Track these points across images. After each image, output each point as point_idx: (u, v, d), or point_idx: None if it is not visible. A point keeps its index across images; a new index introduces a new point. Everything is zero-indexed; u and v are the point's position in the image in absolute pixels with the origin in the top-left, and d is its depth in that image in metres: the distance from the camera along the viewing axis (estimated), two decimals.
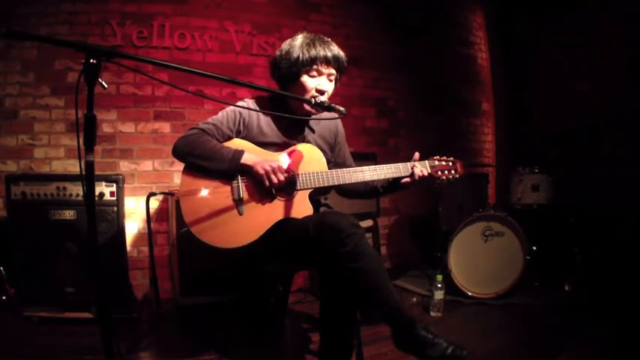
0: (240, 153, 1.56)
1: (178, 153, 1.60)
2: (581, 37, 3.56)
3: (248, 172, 1.56)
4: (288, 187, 1.58)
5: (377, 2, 3.75)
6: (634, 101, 3.17)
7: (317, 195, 1.69)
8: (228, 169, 1.55)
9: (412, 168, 1.65)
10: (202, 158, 1.55)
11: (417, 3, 3.98)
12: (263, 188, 1.56)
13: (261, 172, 1.53)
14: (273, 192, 1.58)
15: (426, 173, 1.67)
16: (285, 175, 1.55)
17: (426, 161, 1.70)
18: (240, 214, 1.55)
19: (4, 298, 2.38)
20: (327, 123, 1.82)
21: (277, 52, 1.70)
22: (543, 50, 3.98)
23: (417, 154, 1.69)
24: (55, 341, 2.05)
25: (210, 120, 1.65)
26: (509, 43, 4.38)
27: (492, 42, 4.56)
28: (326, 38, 1.68)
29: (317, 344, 1.75)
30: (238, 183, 1.57)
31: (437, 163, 1.71)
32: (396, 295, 1.44)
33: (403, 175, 1.66)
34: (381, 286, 1.41)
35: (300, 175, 1.60)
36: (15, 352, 1.93)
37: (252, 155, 1.58)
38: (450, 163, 1.72)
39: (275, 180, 1.53)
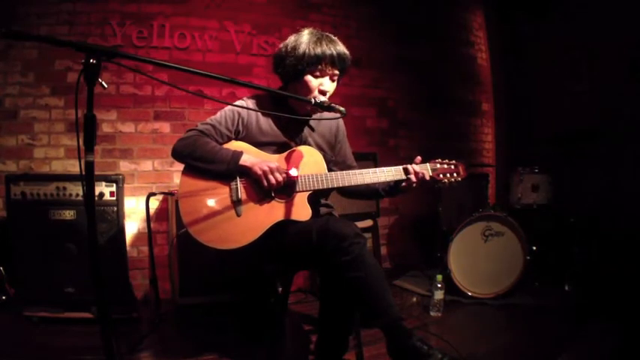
0: (238, 154, 1.56)
1: (177, 155, 1.60)
2: (581, 37, 3.56)
3: (247, 173, 1.55)
4: (287, 188, 1.58)
5: (377, 2, 3.75)
6: (634, 101, 3.17)
7: (316, 197, 1.68)
8: (227, 171, 1.54)
9: (407, 171, 1.62)
10: (201, 160, 1.55)
11: (417, 3, 3.98)
12: (262, 189, 1.56)
13: (260, 172, 1.52)
14: (272, 193, 1.58)
15: (427, 177, 1.63)
16: (284, 176, 1.55)
17: (428, 164, 1.67)
18: (239, 215, 1.55)
19: (4, 298, 2.38)
20: (328, 122, 1.81)
21: (282, 47, 1.65)
22: (543, 50, 3.98)
23: (418, 158, 1.65)
24: (55, 341, 2.05)
25: (208, 120, 1.64)
26: (510, 44, 4.37)
27: (492, 42, 4.56)
28: (332, 36, 1.65)
29: (316, 344, 1.76)
30: (237, 184, 1.56)
31: (438, 166, 1.67)
32: (395, 306, 1.45)
33: (402, 177, 1.63)
34: (380, 297, 1.42)
35: (298, 177, 1.58)
36: (15, 352, 1.93)
37: (251, 156, 1.58)
38: (452, 166, 1.68)
39: (273, 181, 1.52)
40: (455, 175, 1.67)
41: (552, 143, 3.26)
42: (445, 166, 1.67)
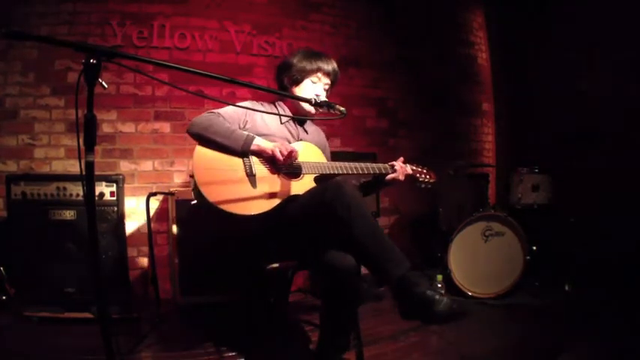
0: (252, 136, 1.69)
1: (196, 127, 1.68)
2: (582, 37, 3.56)
3: (259, 154, 1.69)
4: (295, 170, 1.73)
5: (377, 2, 3.75)
6: (634, 101, 3.17)
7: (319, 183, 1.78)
8: (242, 148, 1.66)
9: (393, 166, 1.88)
10: (219, 135, 1.66)
11: (417, 3, 3.98)
12: (274, 168, 1.70)
13: (275, 149, 1.64)
14: (283, 173, 1.71)
15: (409, 171, 1.90)
16: (294, 152, 1.66)
17: (408, 164, 1.93)
18: (254, 186, 1.65)
19: (4, 298, 2.37)
20: (317, 132, 2.03)
21: (285, 61, 1.93)
22: (543, 50, 3.98)
23: (401, 158, 1.93)
24: (55, 341, 2.05)
25: (221, 109, 1.79)
26: (510, 43, 4.37)
27: (492, 42, 4.56)
28: (328, 55, 1.95)
29: (317, 344, 1.76)
30: (250, 161, 1.68)
31: (414, 167, 1.96)
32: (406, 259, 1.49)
33: (389, 171, 1.87)
34: (392, 248, 1.49)
35: (304, 163, 1.75)
36: (15, 352, 1.93)
37: (263, 140, 1.71)
38: (425, 170, 1.98)
39: (285, 152, 1.64)
40: (428, 177, 1.97)
41: (553, 143, 3.26)
42: (419, 168, 1.97)
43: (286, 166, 1.71)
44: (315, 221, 1.54)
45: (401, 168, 1.88)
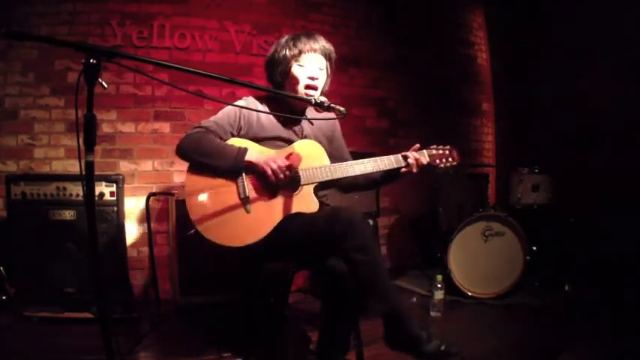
0: (244, 150, 1.58)
1: (183, 151, 1.61)
2: (581, 37, 3.56)
3: (252, 169, 1.58)
4: (292, 182, 1.61)
5: (377, 2, 3.75)
6: (634, 101, 3.17)
7: (321, 189, 1.72)
8: (234, 166, 1.56)
9: (406, 158, 1.70)
10: (207, 156, 1.57)
11: (417, 3, 3.98)
12: (268, 185, 1.58)
13: (267, 168, 1.54)
14: (279, 188, 1.59)
15: (425, 162, 1.70)
16: (290, 170, 1.57)
17: (424, 150, 1.74)
18: (248, 211, 1.56)
19: (4, 298, 2.37)
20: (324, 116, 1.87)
21: (268, 58, 1.77)
22: (543, 50, 3.98)
23: (417, 145, 1.74)
24: (55, 341, 2.05)
25: (211, 118, 1.68)
26: (510, 43, 4.37)
27: (492, 42, 4.56)
28: (311, 32, 1.75)
29: (317, 344, 1.76)
30: (243, 181, 1.58)
31: (434, 152, 1.75)
32: (397, 294, 1.49)
33: (402, 164, 1.70)
34: (386, 282, 1.45)
35: (303, 171, 1.62)
36: (15, 352, 1.93)
37: (256, 153, 1.60)
38: (447, 152, 1.76)
39: (281, 175, 1.54)
40: (450, 159, 1.75)
41: (553, 143, 3.26)
42: (440, 151, 1.76)
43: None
44: (318, 245, 1.52)
45: (415, 160, 1.68)
